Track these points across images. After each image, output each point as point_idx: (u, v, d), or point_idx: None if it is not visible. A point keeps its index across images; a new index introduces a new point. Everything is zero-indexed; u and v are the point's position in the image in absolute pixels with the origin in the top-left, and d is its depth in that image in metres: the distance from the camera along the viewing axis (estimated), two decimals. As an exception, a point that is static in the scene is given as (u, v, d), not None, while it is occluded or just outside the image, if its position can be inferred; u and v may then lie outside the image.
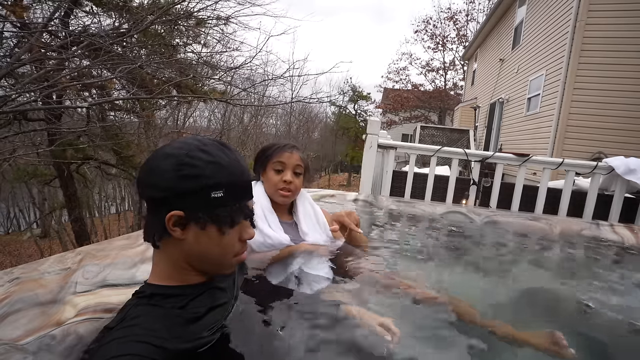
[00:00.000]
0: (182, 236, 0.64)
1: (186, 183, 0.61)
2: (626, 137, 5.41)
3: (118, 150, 5.74)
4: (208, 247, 0.66)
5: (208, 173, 0.62)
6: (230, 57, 5.98)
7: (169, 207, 0.62)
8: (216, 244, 0.66)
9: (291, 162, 1.19)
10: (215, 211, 0.64)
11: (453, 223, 2.28)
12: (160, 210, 0.62)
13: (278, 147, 1.22)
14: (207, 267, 0.69)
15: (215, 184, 0.63)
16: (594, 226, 2.25)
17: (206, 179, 0.62)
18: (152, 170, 0.63)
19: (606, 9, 5.46)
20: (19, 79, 3.70)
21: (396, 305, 0.98)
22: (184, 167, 0.61)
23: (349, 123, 22.07)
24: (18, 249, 9.71)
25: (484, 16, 14.52)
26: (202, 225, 0.64)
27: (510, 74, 8.59)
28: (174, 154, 0.63)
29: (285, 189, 1.18)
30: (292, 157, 1.19)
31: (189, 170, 0.61)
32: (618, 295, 1.32)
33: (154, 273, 0.69)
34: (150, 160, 0.64)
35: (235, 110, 12.13)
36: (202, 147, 0.64)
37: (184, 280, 0.68)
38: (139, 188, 0.65)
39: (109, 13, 4.72)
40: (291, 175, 1.19)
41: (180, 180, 0.61)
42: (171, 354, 0.56)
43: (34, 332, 0.67)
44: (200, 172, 0.62)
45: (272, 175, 1.19)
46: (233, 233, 0.68)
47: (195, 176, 0.62)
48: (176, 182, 0.61)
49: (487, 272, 1.46)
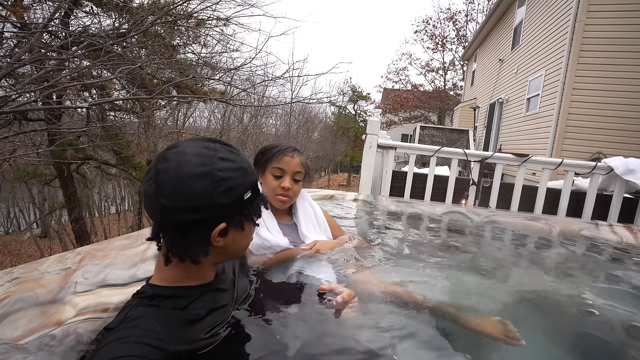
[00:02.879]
0: (224, 243, 0.66)
1: (226, 197, 0.62)
2: (625, 137, 5.41)
3: (118, 150, 5.74)
4: (242, 241, 0.71)
5: (240, 180, 0.64)
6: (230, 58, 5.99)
7: (212, 224, 0.63)
8: (249, 235, 0.72)
9: (290, 167, 1.15)
10: (248, 209, 0.68)
11: (452, 223, 2.28)
12: (202, 230, 0.63)
13: (278, 150, 1.17)
14: (233, 256, 0.74)
15: (246, 188, 0.66)
16: (593, 226, 2.25)
17: (241, 187, 0.65)
18: (185, 194, 0.59)
19: (605, 9, 5.46)
20: (19, 79, 3.71)
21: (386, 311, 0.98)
22: (220, 184, 0.61)
23: (349, 123, 22.07)
24: (18, 249, 9.71)
25: (484, 16, 14.52)
26: (241, 226, 0.68)
27: (510, 74, 8.59)
28: (204, 172, 0.60)
29: (283, 195, 1.15)
30: (291, 162, 1.15)
31: (225, 185, 0.62)
32: (617, 295, 1.32)
33: (158, 275, 0.68)
34: (177, 184, 0.59)
35: (235, 111, 12.13)
36: (222, 156, 0.64)
37: (187, 282, 0.68)
38: (165, 216, 0.61)
39: (109, 13, 4.72)
40: (290, 181, 1.15)
41: (221, 197, 0.61)
42: (171, 355, 0.57)
43: (34, 332, 0.67)
44: (235, 183, 0.63)
45: (271, 179, 1.16)
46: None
47: (231, 188, 0.63)
48: (217, 200, 0.61)
49: (486, 272, 1.46)
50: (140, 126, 7.07)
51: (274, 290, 0.97)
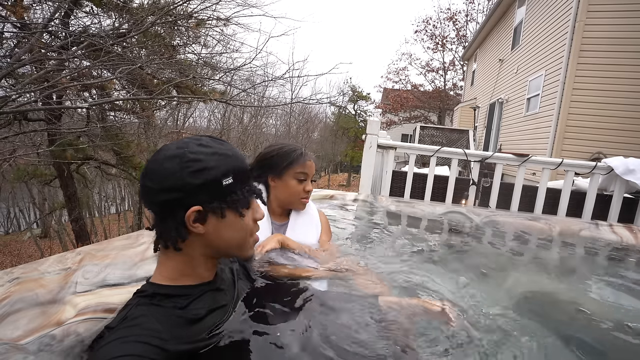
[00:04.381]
0: (203, 230, 0.65)
1: (197, 178, 0.62)
2: (625, 137, 5.41)
3: (118, 150, 5.74)
4: (230, 234, 0.68)
5: (213, 164, 0.64)
6: (230, 58, 5.99)
7: (185, 206, 0.63)
8: (237, 228, 0.69)
9: (312, 171, 1.23)
10: (230, 197, 0.66)
11: (452, 223, 2.28)
12: (177, 213, 0.63)
13: (300, 153, 1.20)
14: (230, 253, 0.72)
15: (223, 172, 0.65)
16: (593, 226, 2.25)
17: (214, 169, 0.64)
18: (158, 175, 0.63)
19: (605, 9, 5.46)
20: (19, 79, 3.71)
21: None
22: (190, 164, 0.62)
23: (349, 123, 22.07)
24: (18, 249, 9.71)
25: (484, 16, 14.52)
26: (220, 213, 0.66)
27: (510, 74, 8.59)
28: (175, 154, 0.63)
29: (306, 198, 1.22)
30: (312, 167, 1.23)
31: (196, 165, 0.63)
32: (617, 295, 1.32)
33: (159, 273, 0.69)
34: (153, 166, 0.64)
35: (235, 111, 12.14)
36: (199, 142, 0.66)
37: (186, 280, 0.68)
38: (147, 197, 0.64)
39: (109, 13, 4.73)
40: (310, 183, 1.23)
41: (191, 177, 0.62)
42: (171, 354, 0.57)
43: (34, 332, 0.67)
44: (206, 165, 0.63)
45: (295, 184, 1.20)
46: (249, 214, 0.71)
47: (203, 169, 0.63)
48: (187, 180, 0.62)
49: (486, 272, 1.46)
50: (140, 126, 7.07)
51: (275, 291, 0.97)
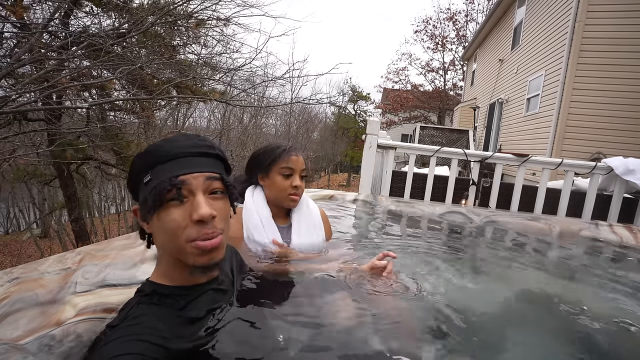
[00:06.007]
0: (150, 229, 0.67)
1: (131, 179, 0.68)
2: (625, 137, 5.41)
3: (118, 150, 5.73)
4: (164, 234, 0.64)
5: (137, 163, 0.67)
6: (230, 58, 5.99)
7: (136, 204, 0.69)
8: (165, 228, 0.63)
9: (298, 166, 1.18)
10: (152, 194, 0.61)
11: (452, 223, 2.28)
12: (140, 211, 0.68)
13: (283, 149, 1.18)
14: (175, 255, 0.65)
15: (141, 170, 0.66)
16: (593, 226, 2.25)
17: (137, 169, 0.67)
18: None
19: (605, 9, 5.46)
20: (19, 79, 3.70)
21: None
22: (131, 166, 0.68)
23: (349, 123, 22.06)
24: (18, 249, 9.70)
25: (484, 17, 14.53)
26: (151, 211, 0.62)
27: (510, 74, 8.59)
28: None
29: (295, 194, 1.18)
30: (298, 161, 1.18)
31: (131, 168, 0.68)
32: (617, 295, 1.32)
33: (155, 271, 0.71)
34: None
35: (235, 111, 12.14)
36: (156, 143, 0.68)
37: (184, 281, 0.68)
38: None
39: (109, 13, 4.72)
40: (299, 179, 1.18)
41: (130, 178, 0.68)
42: (172, 353, 0.57)
43: (34, 332, 0.67)
44: (133, 167, 0.67)
45: (281, 180, 1.17)
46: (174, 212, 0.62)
47: (131, 171, 0.68)
48: (130, 180, 0.69)
49: (485, 273, 1.46)
50: (140, 126, 7.06)
51: (274, 290, 0.97)
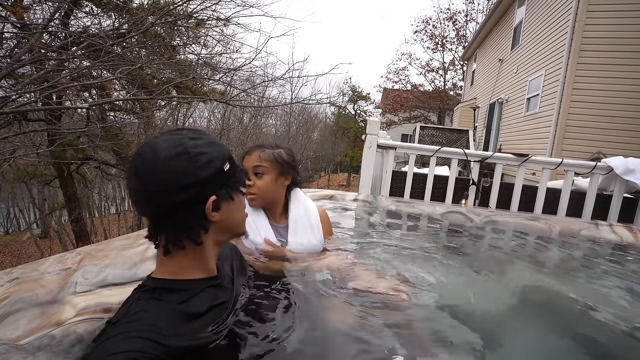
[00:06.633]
0: (219, 217, 0.68)
1: (207, 170, 0.65)
2: (625, 137, 5.41)
3: (118, 150, 5.73)
4: (236, 214, 0.73)
5: (215, 154, 0.67)
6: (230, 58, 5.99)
7: (203, 199, 0.65)
8: (240, 207, 0.75)
9: (249, 164, 1.14)
10: (232, 180, 0.70)
11: (452, 223, 2.28)
12: (197, 207, 0.65)
13: (246, 152, 1.19)
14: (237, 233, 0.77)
15: (222, 159, 0.67)
16: (593, 226, 2.25)
17: (217, 159, 0.66)
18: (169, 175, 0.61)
19: (605, 9, 5.46)
20: (19, 79, 3.70)
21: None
22: (198, 158, 0.64)
23: (349, 123, 22.06)
24: (18, 249, 9.71)
25: (483, 16, 14.52)
26: (230, 197, 0.70)
27: (510, 74, 8.59)
28: (179, 152, 0.63)
29: (249, 193, 1.14)
30: (249, 160, 1.15)
31: (203, 159, 0.64)
32: (616, 295, 1.32)
33: (162, 268, 0.68)
34: (158, 168, 0.61)
35: (235, 111, 12.12)
36: (190, 136, 0.67)
37: (190, 273, 0.68)
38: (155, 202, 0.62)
39: (109, 14, 4.72)
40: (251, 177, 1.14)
41: (202, 170, 0.64)
42: (172, 350, 0.57)
43: (34, 332, 0.67)
44: (211, 156, 0.66)
45: None
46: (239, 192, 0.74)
47: (210, 161, 0.65)
48: (200, 174, 0.64)
49: (486, 272, 1.46)
50: (140, 126, 7.05)
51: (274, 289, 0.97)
